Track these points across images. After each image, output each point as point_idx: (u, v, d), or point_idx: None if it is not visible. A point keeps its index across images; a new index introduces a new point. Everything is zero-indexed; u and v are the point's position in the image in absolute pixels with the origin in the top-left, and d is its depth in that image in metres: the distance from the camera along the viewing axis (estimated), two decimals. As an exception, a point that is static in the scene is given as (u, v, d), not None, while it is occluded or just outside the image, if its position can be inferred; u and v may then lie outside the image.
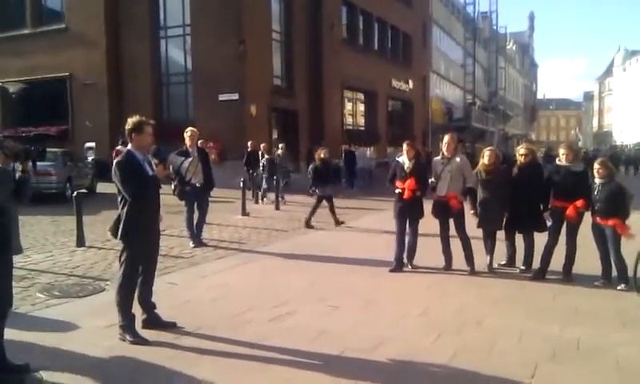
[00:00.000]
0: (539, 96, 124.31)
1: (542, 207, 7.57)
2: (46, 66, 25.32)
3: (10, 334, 4.40)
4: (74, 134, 25.60)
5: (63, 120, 26.07)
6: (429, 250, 8.21)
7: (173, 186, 9.48)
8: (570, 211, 7.17)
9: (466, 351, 4.90)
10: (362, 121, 35.32)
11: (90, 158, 22.05)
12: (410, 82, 39.30)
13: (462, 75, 56.72)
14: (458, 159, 7.91)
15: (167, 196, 9.85)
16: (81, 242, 9.50)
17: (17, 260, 7.69)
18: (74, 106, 26.12)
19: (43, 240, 10.24)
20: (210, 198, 10.29)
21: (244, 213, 14.08)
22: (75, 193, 10.44)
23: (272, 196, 16.84)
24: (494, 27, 68.50)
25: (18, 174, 4.33)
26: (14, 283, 6.58)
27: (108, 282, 7.00)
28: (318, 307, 6.20)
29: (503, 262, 8.12)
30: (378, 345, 5.00)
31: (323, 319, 5.77)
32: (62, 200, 15.35)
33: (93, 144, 23.89)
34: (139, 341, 4.96)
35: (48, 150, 17.41)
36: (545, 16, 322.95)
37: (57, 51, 25.19)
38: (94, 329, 5.33)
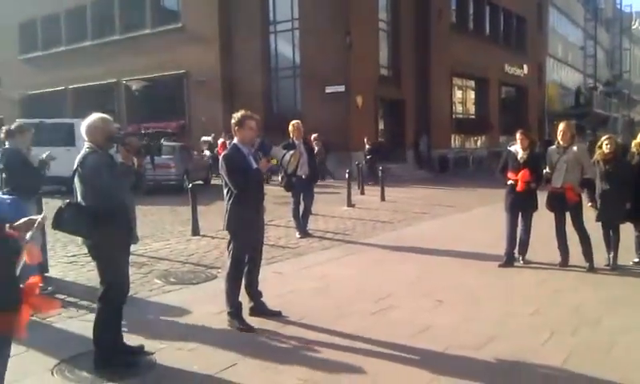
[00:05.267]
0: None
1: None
2: (165, 64, 26.87)
3: (127, 317, 4.69)
4: (190, 128, 27.01)
5: (180, 115, 27.59)
6: (543, 245, 7.79)
7: (280, 178, 9.72)
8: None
9: (581, 353, 4.60)
10: (472, 109, 34.21)
11: (206, 152, 23.16)
12: (525, 67, 37.40)
13: (581, 58, 53.14)
14: (575, 148, 7.39)
15: (275, 187, 10.14)
16: (195, 231, 9.99)
17: (138, 248, 8.30)
18: (190, 102, 27.55)
19: (162, 229, 10.88)
20: (315, 189, 10.44)
21: (349, 204, 14.14)
22: (191, 184, 11.02)
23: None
24: (618, 6, 63.42)
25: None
26: (135, 270, 7.13)
27: (219, 270, 7.28)
28: (423, 301, 6.08)
29: (637, 260, 7.52)
30: (485, 343, 4.81)
31: (427, 314, 5.65)
32: (180, 191, 16.25)
33: (209, 138, 25.04)
34: (246, 328, 5.13)
35: (167, 144, 18.54)
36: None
37: (174, 50, 26.61)
38: (206, 315, 5.57)
